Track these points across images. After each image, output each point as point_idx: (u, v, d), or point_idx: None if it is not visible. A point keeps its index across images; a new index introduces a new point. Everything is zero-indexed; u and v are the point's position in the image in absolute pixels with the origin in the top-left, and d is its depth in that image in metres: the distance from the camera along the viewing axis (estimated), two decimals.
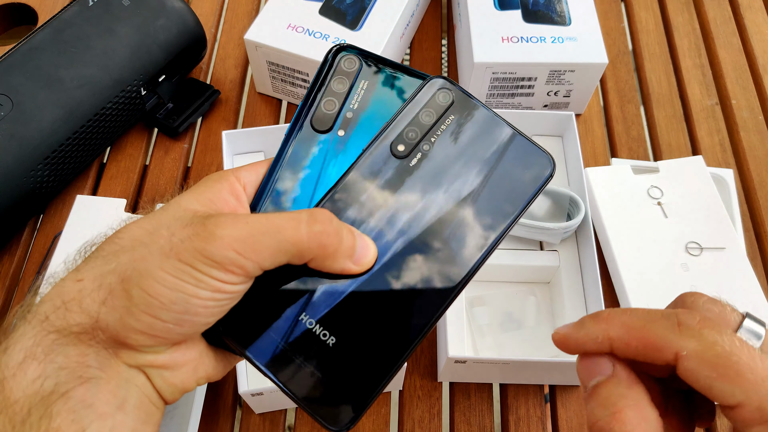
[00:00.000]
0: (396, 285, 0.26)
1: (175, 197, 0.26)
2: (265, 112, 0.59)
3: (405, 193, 0.27)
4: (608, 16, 0.66)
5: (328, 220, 0.24)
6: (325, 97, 0.29)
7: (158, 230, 0.24)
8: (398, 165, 0.27)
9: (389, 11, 0.54)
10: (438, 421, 0.44)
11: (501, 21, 0.55)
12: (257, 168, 0.28)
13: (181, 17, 0.53)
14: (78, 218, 0.46)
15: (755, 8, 0.67)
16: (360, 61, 0.30)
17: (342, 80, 0.29)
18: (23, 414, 0.22)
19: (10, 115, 0.45)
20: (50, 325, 0.23)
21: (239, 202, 0.27)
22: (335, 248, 0.24)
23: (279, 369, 0.25)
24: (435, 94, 0.28)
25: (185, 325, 0.24)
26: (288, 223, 0.24)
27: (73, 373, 0.23)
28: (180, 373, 0.25)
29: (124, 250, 0.24)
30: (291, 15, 0.54)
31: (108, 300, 0.23)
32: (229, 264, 0.23)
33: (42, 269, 0.48)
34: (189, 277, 0.23)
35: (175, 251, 0.23)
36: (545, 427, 0.44)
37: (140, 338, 0.23)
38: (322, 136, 0.29)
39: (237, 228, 0.23)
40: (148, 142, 0.56)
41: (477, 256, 0.27)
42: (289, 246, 0.24)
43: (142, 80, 0.51)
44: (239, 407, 0.45)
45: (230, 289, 0.24)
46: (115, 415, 0.23)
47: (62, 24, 0.48)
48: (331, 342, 0.26)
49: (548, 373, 0.44)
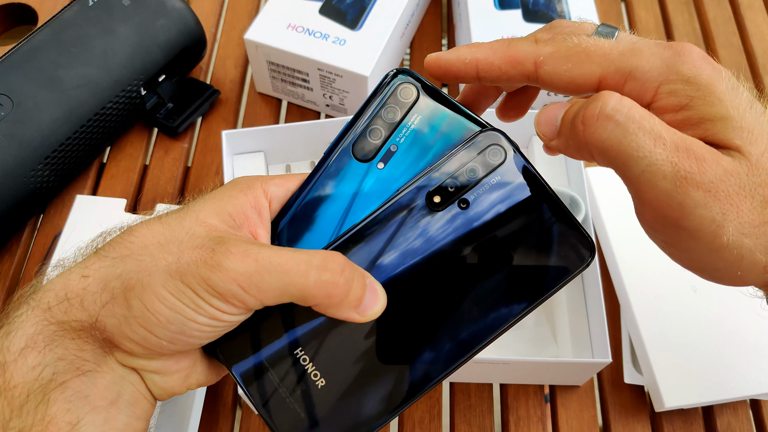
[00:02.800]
0: (400, 341, 0.25)
1: (195, 201, 0.26)
2: (265, 112, 0.59)
3: (430, 247, 0.25)
4: (608, 16, 0.66)
5: (339, 270, 0.23)
6: (372, 124, 0.27)
7: (169, 245, 0.24)
8: (431, 216, 0.26)
9: (389, 11, 0.54)
10: (438, 422, 0.44)
11: (501, 21, 0.55)
12: (287, 183, 0.28)
13: (181, 17, 0.53)
14: (78, 218, 0.46)
15: (755, 8, 0.67)
16: (418, 93, 0.27)
17: (394, 109, 0.27)
18: (21, 399, 0.22)
19: (10, 115, 0.45)
20: (52, 316, 0.24)
21: (261, 219, 0.27)
22: (341, 299, 0.24)
23: (264, 398, 0.25)
24: (487, 148, 0.26)
25: (178, 344, 0.24)
26: (297, 267, 0.23)
27: (71, 365, 0.23)
28: (171, 379, 0.26)
29: (132, 257, 0.24)
30: (291, 15, 0.54)
31: (109, 305, 0.23)
32: (231, 297, 0.23)
33: (42, 269, 0.48)
34: (189, 301, 0.23)
35: (180, 273, 0.23)
36: (545, 427, 0.44)
37: (133, 347, 0.24)
38: (360, 165, 0.27)
39: (244, 263, 0.23)
40: (148, 142, 0.56)
41: (488, 336, 0.25)
42: (294, 290, 0.23)
43: (142, 80, 0.51)
44: (239, 407, 0.45)
45: (228, 318, 0.24)
46: (108, 409, 0.24)
47: (62, 24, 0.48)
48: (320, 384, 0.25)
49: (548, 373, 0.44)
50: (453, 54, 0.26)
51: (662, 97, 0.23)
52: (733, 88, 0.23)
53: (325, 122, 0.50)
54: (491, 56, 0.25)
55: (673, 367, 0.43)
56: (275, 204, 0.27)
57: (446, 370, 0.25)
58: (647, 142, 0.22)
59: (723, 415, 0.45)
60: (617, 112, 0.23)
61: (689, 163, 0.22)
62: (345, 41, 0.52)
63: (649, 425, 0.44)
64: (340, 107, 0.56)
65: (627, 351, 0.46)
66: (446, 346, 0.25)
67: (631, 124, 0.22)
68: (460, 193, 0.26)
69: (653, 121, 0.22)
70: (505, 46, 0.25)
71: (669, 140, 0.22)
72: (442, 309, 0.25)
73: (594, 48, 0.24)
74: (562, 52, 0.24)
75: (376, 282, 0.25)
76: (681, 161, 0.22)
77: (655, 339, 0.44)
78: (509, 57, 0.25)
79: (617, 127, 0.23)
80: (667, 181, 0.22)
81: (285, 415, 0.25)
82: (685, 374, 0.43)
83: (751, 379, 0.43)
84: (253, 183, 0.27)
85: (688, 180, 0.22)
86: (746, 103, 0.23)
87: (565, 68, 0.24)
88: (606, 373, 0.46)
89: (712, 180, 0.22)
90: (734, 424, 0.44)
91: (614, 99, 0.23)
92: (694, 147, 0.22)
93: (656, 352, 0.43)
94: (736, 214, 0.22)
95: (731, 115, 0.22)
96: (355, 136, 0.27)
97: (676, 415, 0.44)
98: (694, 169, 0.22)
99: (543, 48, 0.25)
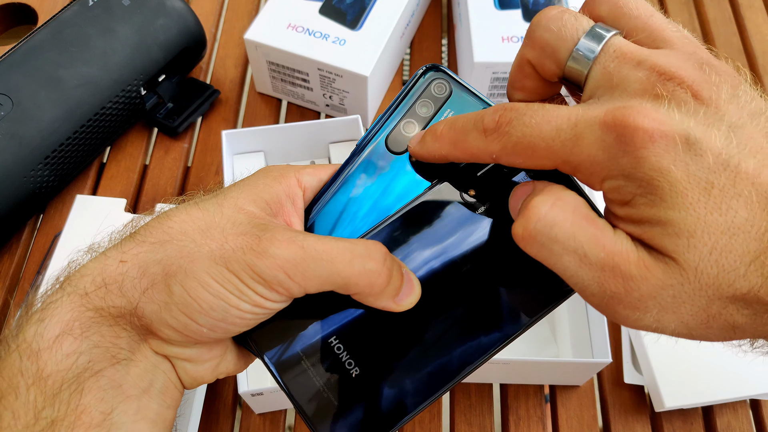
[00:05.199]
0: (432, 331, 0.26)
1: (230, 188, 0.26)
2: (265, 111, 0.59)
3: (465, 239, 0.26)
4: None
5: (382, 259, 0.24)
6: (406, 118, 0.28)
7: (211, 231, 0.24)
8: (465, 209, 0.26)
9: (389, 11, 0.54)
10: (438, 421, 0.44)
11: (501, 21, 0.55)
12: (320, 173, 0.28)
13: (181, 17, 0.53)
14: (78, 218, 0.46)
15: (755, 8, 0.67)
16: (450, 88, 0.28)
17: (428, 104, 0.28)
18: (55, 389, 0.22)
19: (10, 114, 0.45)
20: (89, 302, 0.23)
21: (295, 208, 0.27)
22: (382, 289, 0.24)
23: (297, 387, 0.25)
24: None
25: (218, 331, 0.24)
26: (342, 256, 0.23)
27: (107, 353, 0.23)
28: (202, 368, 0.26)
29: (172, 242, 0.24)
30: (291, 14, 0.54)
31: (149, 291, 0.23)
32: (276, 284, 0.23)
33: (42, 269, 0.48)
34: (234, 288, 0.23)
35: (225, 259, 0.23)
36: (545, 427, 0.44)
37: (172, 334, 0.24)
38: (394, 157, 0.28)
39: (291, 250, 0.23)
40: (148, 141, 0.56)
41: (523, 322, 0.25)
42: (338, 278, 0.23)
43: (142, 80, 0.51)
44: (239, 407, 0.45)
45: (270, 306, 0.24)
46: (140, 398, 0.24)
47: (62, 24, 0.48)
48: (354, 373, 0.25)
49: (548, 373, 0.44)
50: (424, 150, 0.26)
51: (607, 192, 0.21)
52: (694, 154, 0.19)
53: (325, 122, 0.50)
54: (454, 152, 0.25)
55: (673, 367, 0.43)
56: (308, 193, 0.28)
57: (481, 358, 0.25)
58: (572, 263, 0.21)
59: (723, 415, 0.45)
60: (539, 233, 0.21)
61: (615, 283, 0.21)
62: (345, 41, 0.52)
63: (649, 425, 0.44)
64: (340, 107, 0.56)
65: (627, 351, 0.46)
66: (481, 335, 0.25)
67: (554, 246, 0.21)
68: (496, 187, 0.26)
69: (579, 239, 0.21)
70: (461, 139, 0.24)
71: (594, 260, 0.21)
72: (476, 299, 0.26)
73: (538, 141, 0.22)
74: (509, 148, 0.22)
75: (411, 273, 0.25)
76: (607, 281, 0.21)
77: (655, 339, 0.44)
78: (468, 152, 0.24)
79: (542, 248, 0.22)
80: (596, 298, 0.21)
81: (318, 403, 0.25)
82: (685, 374, 0.43)
83: (751, 379, 0.43)
84: (287, 172, 0.27)
85: (615, 299, 0.21)
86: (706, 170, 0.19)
87: (519, 161, 0.23)
88: (606, 373, 0.46)
89: (640, 297, 0.20)
90: (734, 424, 0.44)
91: (537, 216, 0.21)
92: (622, 265, 0.20)
93: (656, 352, 0.43)
94: (674, 316, 0.21)
95: (669, 219, 0.20)
96: (389, 130, 0.28)
97: (676, 415, 0.44)
98: (620, 289, 0.20)
99: (492, 144, 0.23)
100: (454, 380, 0.25)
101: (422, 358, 0.25)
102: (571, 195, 0.22)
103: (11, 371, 0.22)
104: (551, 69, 0.24)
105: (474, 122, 0.24)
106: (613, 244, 0.21)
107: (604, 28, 0.23)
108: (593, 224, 0.21)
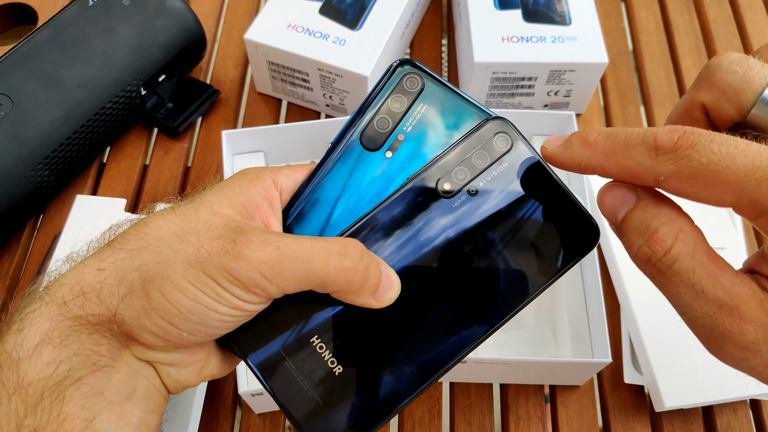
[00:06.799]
0: (414, 326, 0.26)
1: (206, 192, 0.26)
2: (265, 111, 0.59)
3: (442, 233, 0.26)
4: (608, 16, 0.66)
5: (359, 256, 0.24)
6: (379, 114, 0.28)
7: (186, 235, 0.24)
8: (440, 203, 0.26)
9: (389, 11, 0.54)
10: (438, 421, 0.44)
11: (501, 21, 0.55)
12: (296, 173, 0.28)
13: (181, 17, 0.53)
14: (78, 218, 0.46)
15: (755, 8, 0.67)
16: (423, 83, 0.28)
17: (400, 99, 0.28)
18: (36, 397, 0.22)
19: (10, 114, 0.45)
20: (68, 311, 0.23)
21: (272, 209, 0.27)
22: (360, 285, 0.24)
23: (281, 386, 0.25)
24: (493, 137, 0.27)
25: (198, 335, 0.24)
26: (319, 255, 0.23)
27: (87, 360, 0.23)
28: (186, 372, 0.26)
29: (148, 248, 0.24)
30: (291, 14, 0.54)
31: (127, 297, 0.23)
32: (253, 286, 0.23)
33: (42, 269, 0.48)
34: (211, 291, 0.23)
35: (201, 263, 0.23)
36: (545, 427, 0.44)
37: (153, 339, 0.24)
38: (368, 155, 0.28)
39: (266, 252, 0.23)
40: (148, 141, 0.56)
41: (503, 316, 0.26)
42: (315, 277, 0.23)
43: (142, 80, 0.51)
44: (239, 407, 0.45)
45: (249, 307, 0.24)
46: (123, 404, 0.24)
47: (62, 24, 0.48)
48: (338, 371, 0.25)
49: (548, 373, 0.44)
50: (566, 155, 0.25)
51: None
52: None
53: (325, 122, 0.50)
54: (606, 164, 0.23)
55: (673, 367, 0.43)
56: (285, 194, 0.28)
57: (462, 352, 0.26)
58: (687, 295, 0.21)
59: (723, 415, 0.45)
60: (662, 263, 0.22)
61: (730, 322, 0.21)
62: (345, 41, 0.52)
63: (649, 425, 0.44)
64: (340, 107, 0.56)
65: (627, 351, 0.46)
66: (461, 328, 0.26)
67: (673, 277, 0.22)
68: (470, 180, 0.26)
69: (699, 274, 0.21)
70: (621, 153, 0.23)
71: (711, 296, 0.21)
72: (455, 294, 0.26)
73: (726, 171, 0.20)
74: (685, 173, 0.21)
75: (390, 268, 0.26)
76: (721, 319, 0.21)
77: (655, 339, 0.44)
78: (627, 169, 0.23)
79: (660, 275, 0.22)
80: (705, 330, 0.22)
81: (303, 402, 0.25)
82: (685, 374, 0.43)
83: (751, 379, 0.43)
84: (262, 174, 0.27)
85: (726, 336, 0.21)
86: None
87: (690, 191, 0.21)
88: (606, 373, 0.46)
89: (754, 341, 0.21)
90: (734, 424, 0.44)
91: (664, 248, 0.22)
92: (742, 306, 0.21)
93: (656, 352, 0.43)
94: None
95: None
96: (363, 126, 0.28)
97: (676, 415, 0.44)
98: (735, 329, 0.21)
99: (663, 165, 0.21)
100: (439, 372, 0.25)
101: (405, 352, 0.26)
102: (690, 226, 0.22)
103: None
104: (729, 114, 0.23)
105: (643, 137, 0.22)
106: (733, 284, 0.21)
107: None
108: (713, 261, 0.22)
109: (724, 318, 0.21)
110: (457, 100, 0.28)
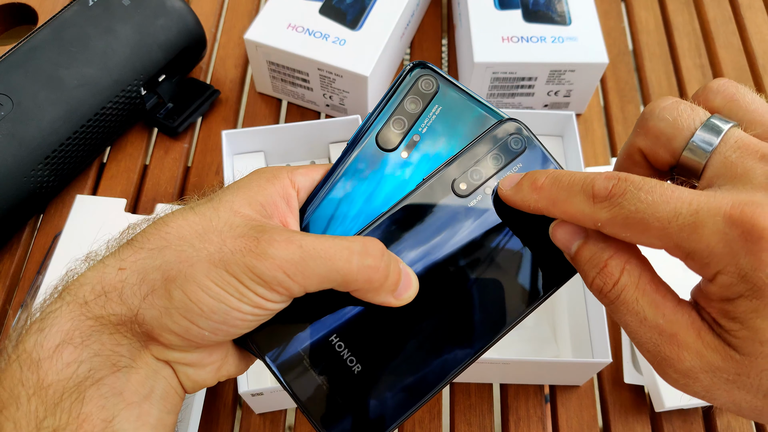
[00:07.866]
0: (432, 325, 0.26)
1: (224, 191, 0.26)
2: (265, 111, 0.59)
3: (458, 233, 0.26)
4: (608, 16, 0.66)
5: (380, 255, 0.24)
6: (395, 115, 0.28)
7: (208, 234, 0.24)
8: (456, 203, 0.27)
9: (389, 11, 0.54)
10: (438, 421, 0.44)
11: (501, 21, 0.55)
12: (313, 173, 0.28)
13: (181, 17, 0.53)
14: (78, 218, 0.46)
15: (755, 8, 0.67)
16: (438, 84, 0.28)
17: (416, 100, 0.28)
18: (56, 398, 0.22)
19: (10, 114, 0.45)
20: (89, 310, 0.23)
21: (290, 208, 0.27)
22: (380, 284, 0.24)
23: (300, 386, 0.25)
24: (507, 138, 0.27)
25: (219, 334, 0.24)
26: (340, 253, 0.24)
27: (107, 361, 0.23)
28: (204, 371, 0.26)
29: (170, 247, 0.24)
30: (291, 14, 0.54)
31: (149, 297, 0.23)
32: (276, 284, 0.23)
33: (42, 269, 0.48)
34: (234, 290, 0.23)
35: (224, 262, 0.23)
36: (545, 427, 0.44)
37: (173, 339, 0.24)
38: (384, 155, 0.28)
39: (290, 251, 0.23)
40: (148, 141, 0.56)
41: (518, 313, 0.26)
42: (337, 276, 0.24)
43: (142, 80, 0.51)
44: (239, 407, 0.45)
45: (271, 306, 0.24)
46: (141, 405, 0.24)
47: (62, 24, 0.48)
48: (356, 369, 0.25)
49: (548, 373, 0.44)
50: (518, 197, 0.25)
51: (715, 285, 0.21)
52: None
53: (325, 122, 0.50)
54: (552, 209, 0.24)
55: None
56: (302, 193, 0.28)
57: (483, 349, 0.26)
58: (633, 322, 0.23)
59: (723, 415, 0.45)
60: (612, 293, 0.23)
61: (670, 349, 0.22)
62: (345, 41, 0.52)
63: (649, 425, 0.44)
64: (340, 107, 0.56)
65: (627, 351, 0.46)
66: (480, 325, 0.26)
67: (621, 306, 0.23)
68: (485, 180, 0.27)
69: (642, 303, 0.22)
70: (564, 200, 0.24)
71: (653, 323, 0.22)
72: (473, 292, 0.26)
73: (651, 218, 0.21)
74: (618, 220, 0.22)
75: (408, 267, 0.26)
76: (662, 345, 0.22)
77: None
78: (569, 215, 0.24)
79: (611, 304, 0.23)
80: (650, 355, 0.23)
81: (321, 401, 0.25)
82: None
83: None
84: (279, 173, 0.27)
85: (666, 362, 0.22)
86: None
87: (626, 235, 0.22)
88: (606, 373, 0.46)
89: (691, 368, 0.21)
90: (734, 424, 0.44)
91: (612, 281, 0.23)
92: (680, 334, 0.22)
93: None
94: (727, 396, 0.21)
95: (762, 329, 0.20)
96: (378, 127, 0.28)
97: (676, 415, 0.44)
98: (674, 355, 0.22)
99: (600, 213, 0.22)
100: (456, 370, 0.26)
101: (423, 351, 0.26)
102: (636, 257, 0.23)
103: (12, 381, 0.22)
104: (664, 158, 0.24)
105: (582, 185, 0.23)
106: (674, 312, 0.22)
107: (722, 119, 0.23)
108: (657, 290, 0.23)
109: (665, 344, 0.22)
110: (471, 102, 0.29)
